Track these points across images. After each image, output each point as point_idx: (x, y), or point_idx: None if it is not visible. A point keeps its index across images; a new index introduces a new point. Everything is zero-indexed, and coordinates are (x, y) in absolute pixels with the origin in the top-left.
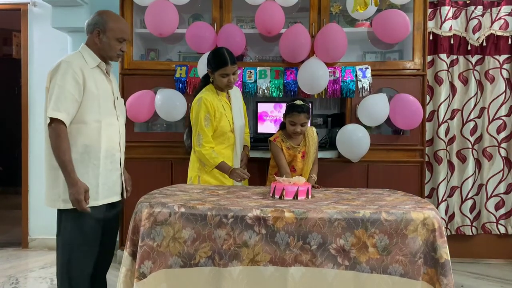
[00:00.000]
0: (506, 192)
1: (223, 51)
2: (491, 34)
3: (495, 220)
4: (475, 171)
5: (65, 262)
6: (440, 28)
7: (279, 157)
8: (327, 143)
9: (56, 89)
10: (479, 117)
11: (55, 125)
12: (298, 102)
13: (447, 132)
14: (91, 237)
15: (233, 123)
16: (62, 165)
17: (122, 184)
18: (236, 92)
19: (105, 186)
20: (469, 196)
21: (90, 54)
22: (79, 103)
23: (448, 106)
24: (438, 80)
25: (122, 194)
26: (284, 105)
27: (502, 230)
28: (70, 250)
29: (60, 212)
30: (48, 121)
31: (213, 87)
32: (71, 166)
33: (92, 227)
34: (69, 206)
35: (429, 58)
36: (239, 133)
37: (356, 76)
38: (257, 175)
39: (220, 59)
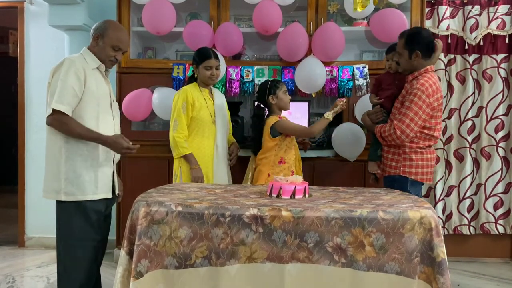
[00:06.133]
0: (505, 192)
1: (206, 47)
2: (489, 33)
3: (494, 220)
4: (473, 171)
5: (66, 256)
6: (438, 28)
7: (294, 124)
8: (325, 142)
9: (59, 84)
10: (477, 116)
11: (57, 115)
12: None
13: (444, 131)
14: (89, 230)
15: (214, 116)
16: (87, 136)
17: (114, 182)
18: (220, 96)
19: (102, 181)
20: (467, 195)
21: (90, 56)
22: (79, 98)
23: (446, 105)
24: None
25: (113, 193)
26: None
27: (501, 230)
28: (70, 244)
29: (60, 205)
30: (51, 111)
31: (196, 84)
32: (93, 132)
33: (91, 220)
34: (71, 198)
35: None
36: (220, 126)
37: (353, 75)
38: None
39: (203, 52)
